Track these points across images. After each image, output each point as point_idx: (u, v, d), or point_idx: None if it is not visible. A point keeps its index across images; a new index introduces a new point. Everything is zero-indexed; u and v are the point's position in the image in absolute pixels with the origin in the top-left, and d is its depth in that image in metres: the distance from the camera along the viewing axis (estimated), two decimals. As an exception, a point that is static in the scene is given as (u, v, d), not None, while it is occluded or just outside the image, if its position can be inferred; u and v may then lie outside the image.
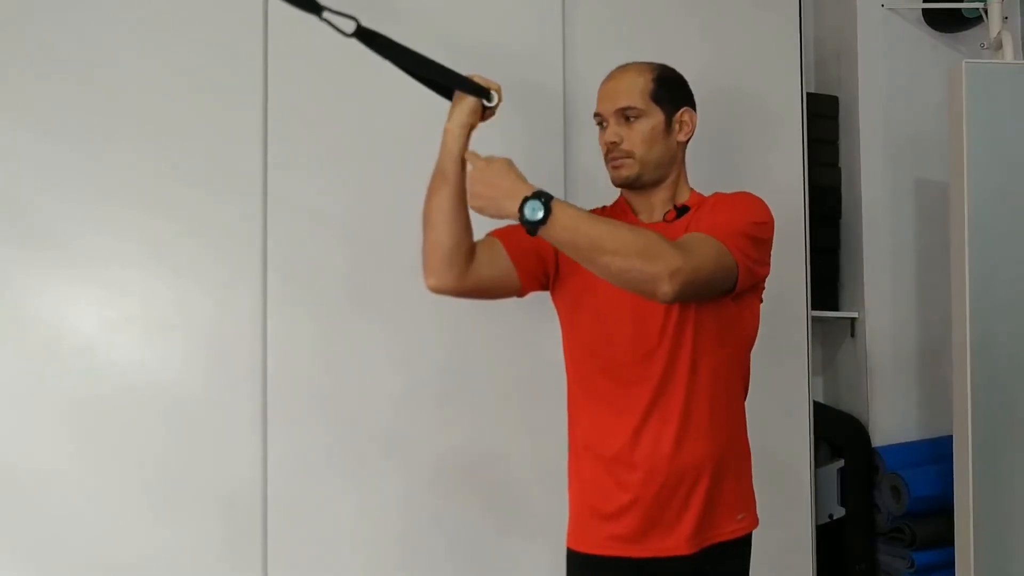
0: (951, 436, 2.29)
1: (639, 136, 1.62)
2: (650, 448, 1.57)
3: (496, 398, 2.15)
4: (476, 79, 1.61)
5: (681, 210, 1.65)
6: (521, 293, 1.70)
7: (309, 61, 2.08)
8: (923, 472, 2.54)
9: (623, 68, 1.67)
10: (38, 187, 1.97)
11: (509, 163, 1.51)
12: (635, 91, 1.62)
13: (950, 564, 2.28)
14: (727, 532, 1.62)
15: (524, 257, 1.65)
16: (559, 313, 1.74)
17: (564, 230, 1.43)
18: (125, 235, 2.00)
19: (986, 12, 2.67)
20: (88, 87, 1.99)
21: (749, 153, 2.33)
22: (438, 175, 1.62)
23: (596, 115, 1.67)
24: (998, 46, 2.59)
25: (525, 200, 1.43)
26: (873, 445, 2.65)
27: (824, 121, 2.78)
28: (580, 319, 1.67)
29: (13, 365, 1.94)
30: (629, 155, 1.62)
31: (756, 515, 1.68)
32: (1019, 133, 2.30)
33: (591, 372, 1.66)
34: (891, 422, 2.74)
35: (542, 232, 1.43)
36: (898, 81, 2.81)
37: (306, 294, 2.07)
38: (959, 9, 2.74)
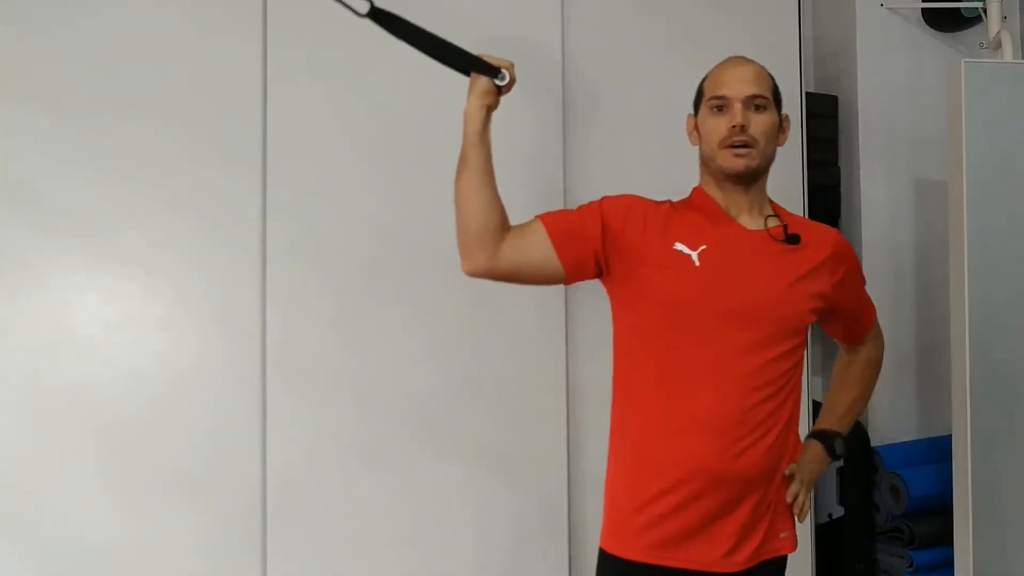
0: (950, 435, 2.29)
1: (765, 126, 1.59)
2: (726, 456, 1.53)
3: (500, 395, 2.15)
4: (486, 58, 1.60)
5: (791, 238, 1.60)
6: (566, 280, 1.63)
7: (310, 52, 2.09)
8: (922, 471, 2.54)
9: (744, 59, 1.65)
10: (37, 183, 1.97)
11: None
12: (764, 82, 1.61)
13: (949, 563, 2.27)
14: (771, 550, 1.60)
15: (568, 241, 1.59)
16: (623, 310, 1.67)
17: None
18: (123, 229, 2.00)
19: (985, 12, 2.67)
20: (86, 82, 1.99)
21: (748, 152, 2.32)
22: (461, 158, 1.60)
23: (717, 98, 1.60)
24: (997, 45, 2.59)
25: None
26: (872, 444, 2.65)
27: (823, 120, 2.78)
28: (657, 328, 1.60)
29: (12, 359, 1.94)
30: (754, 143, 1.58)
31: (796, 536, 1.66)
32: (1018, 132, 2.30)
33: (654, 377, 1.60)
34: (890, 421, 2.74)
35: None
36: (897, 80, 2.81)
37: (306, 291, 2.07)
38: (958, 9, 2.73)
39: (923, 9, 2.81)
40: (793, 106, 2.36)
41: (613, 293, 1.67)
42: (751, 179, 1.61)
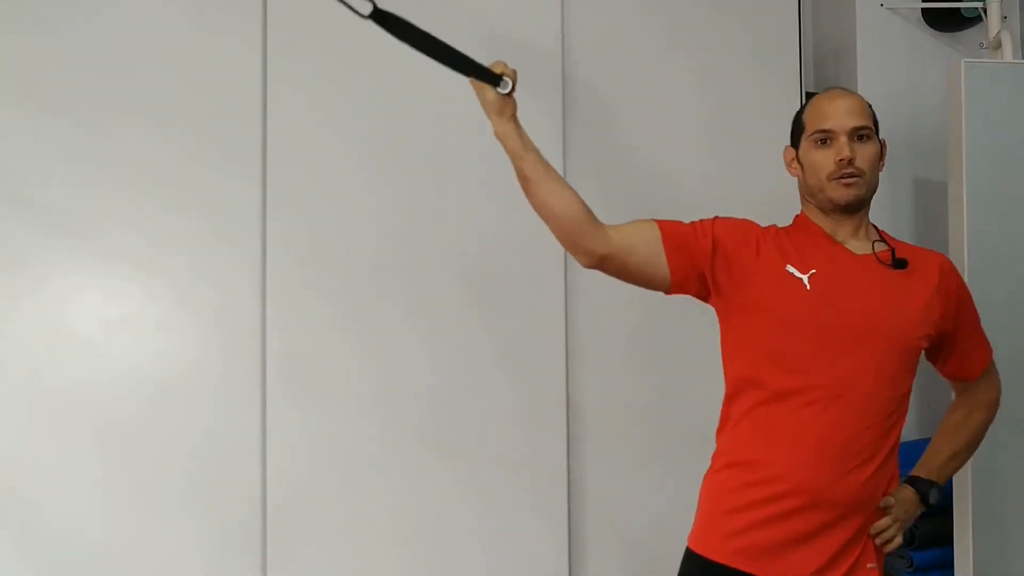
0: (950, 435, 2.29)
1: (869, 156, 1.62)
2: (831, 477, 1.54)
3: (500, 395, 2.15)
4: (490, 65, 1.63)
5: (899, 262, 1.62)
6: (670, 285, 1.63)
7: (310, 52, 2.09)
8: (922, 471, 2.53)
9: (844, 90, 1.68)
10: (37, 183, 1.97)
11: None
12: (866, 113, 1.64)
13: (949, 563, 2.27)
14: None
15: (678, 247, 1.61)
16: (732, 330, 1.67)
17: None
18: (123, 230, 2.00)
19: (985, 12, 2.67)
20: (86, 81, 1.99)
21: (748, 152, 2.33)
22: (519, 176, 1.63)
23: (821, 132, 1.62)
24: (997, 45, 2.58)
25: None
26: (872, 444, 2.64)
27: (823, 120, 2.78)
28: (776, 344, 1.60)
29: (13, 360, 1.94)
30: (862, 174, 1.61)
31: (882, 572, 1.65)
32: (1018, 132, 2.30)
33: (766, 394, 1.60)
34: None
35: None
36: (897, 80, 2.80)
37: (306, 291, 2.07)
38: (958, 9, 2.73)
39: (923, 9, 2.81)
40: (793, 106, 2.36)
41: (724, 312, 1.67)
42: (856, 208, 1.63)
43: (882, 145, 1.67)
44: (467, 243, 2.16)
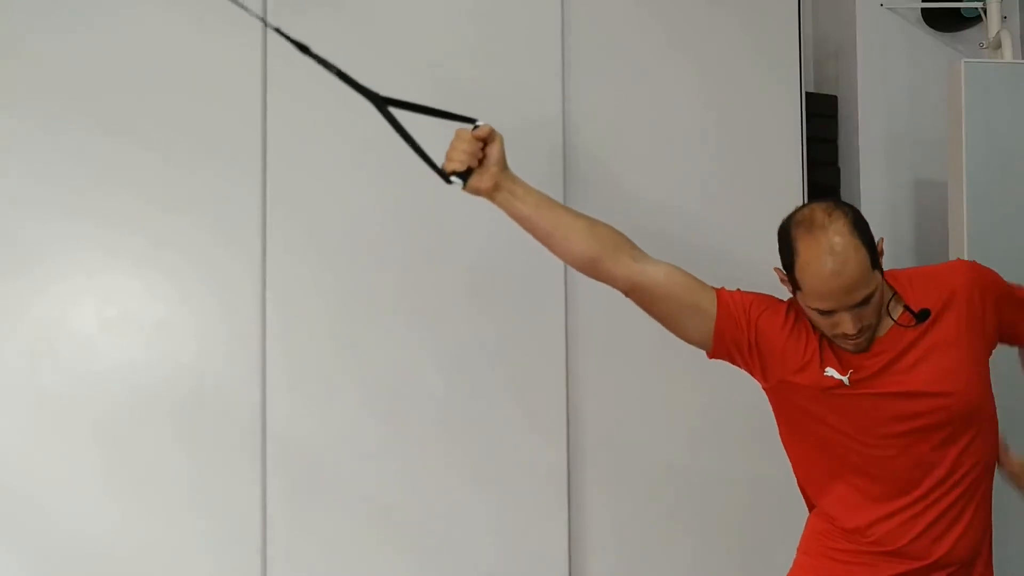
0: (950, 435, 2.29)
1: (873, 311, 1.50)
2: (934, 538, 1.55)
3: (500, 395, 2.16)
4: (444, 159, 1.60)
5: (921, 315, 1.52)
6: (711, 342, 1.59)
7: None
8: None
9: (838, 255, 1.44)
10: (36, 183, 1.97)
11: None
12: (865, 275, 1.46)
13: None
14: None
15: (729, 315, 1.57)
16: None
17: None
18: (124, 230, 2.00)
19: (985, 12, 2.67)
20: (87, 82, 1.99)
21: (748, 152, 2.33)
22: (529, 228, 1.61)
23: (820, 311, 1.49)
24: (997, 45, 2.58)
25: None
26: (872, 444, 2.64)
27: (823, 120, 2.77)
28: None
29: (13, 359, 1.95)
30: (869, 326, 1.51)
31: None
32: (1018, 132, 2.30)
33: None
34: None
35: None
36: (897, 80, 2.80)
37: (306, 290, 2.07)
38: (958, 9, 2.73)
39: (923, 9, 2.81)
40: (793, 106, 2.36)
41: (774, 397, 1.64)
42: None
43: (877, 262, 1.51)
44: (467, 243, 2.16)
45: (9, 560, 1.93)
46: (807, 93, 2.43)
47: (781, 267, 1.54)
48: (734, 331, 1.57)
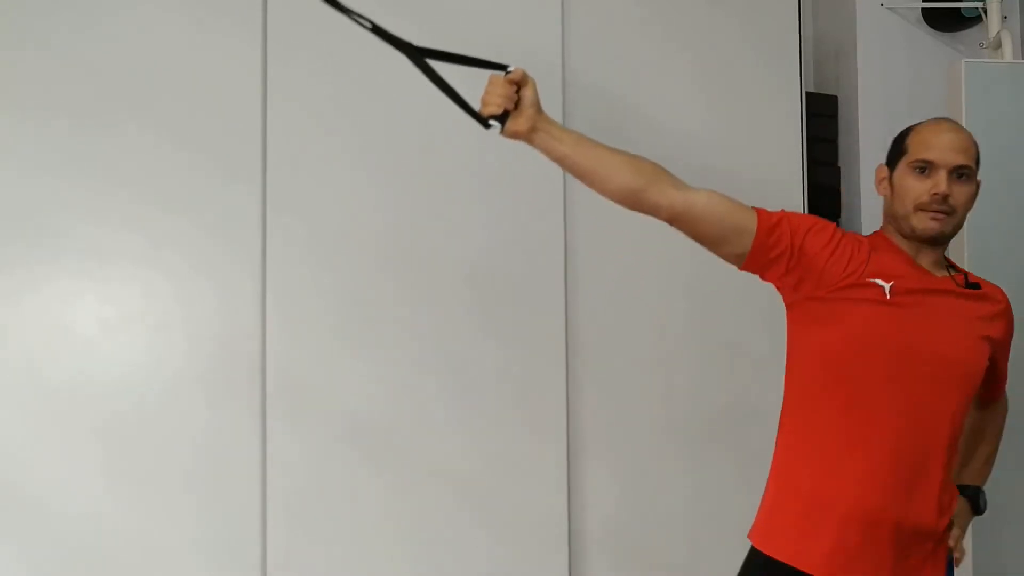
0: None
1: (966, 196, 1.60)
2: (912, 502, 1.54)
3: (499, 400, 2.15)
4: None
5: (972, 285, 1.63)
6: (748, 252, 1.58)
7: (309, 53, 2.09)
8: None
9: (955, 125, 1.64)
10: (36, 183, 1.97)
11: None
12: (972, 152, 1.61)
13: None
14: None
15: (772, 230, 1.58)
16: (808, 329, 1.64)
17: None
18: (124, 231, 2.01)
19: (985, 12, 2.67)
20: (86, 82, 2.00)
21: (748, 152, 2.33)
22: (571, 170, 1.60)
23: (923, 161, 1.59)
24: (997, 45, 2.58)
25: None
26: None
27: (823, 120, 2.77)
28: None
29: (13, 359, 1.95)
30: (953, 212, 1.58)
31: None
32: (1018, 132, 2.30)
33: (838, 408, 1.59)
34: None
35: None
36: (897, 80, 2.80)
37: (306, 291, 2.07)
38: (958, 9, 2.73)
39: (923, 9, 2.80)
40: (793, 106, 2.37)
41: (799, 311, 1.64)
42: (940, 242, 1.63)
43: (977, 185, 1.64)
44: (467, 244, 2.16)
45: (9, 560, 1.93)
46: (807, 93, 2.43)
47: (885, 164, 1.66)
48: (775, 246, 1.58)
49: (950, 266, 1.67)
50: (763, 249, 1.57)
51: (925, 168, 1.59)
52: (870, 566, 1.53)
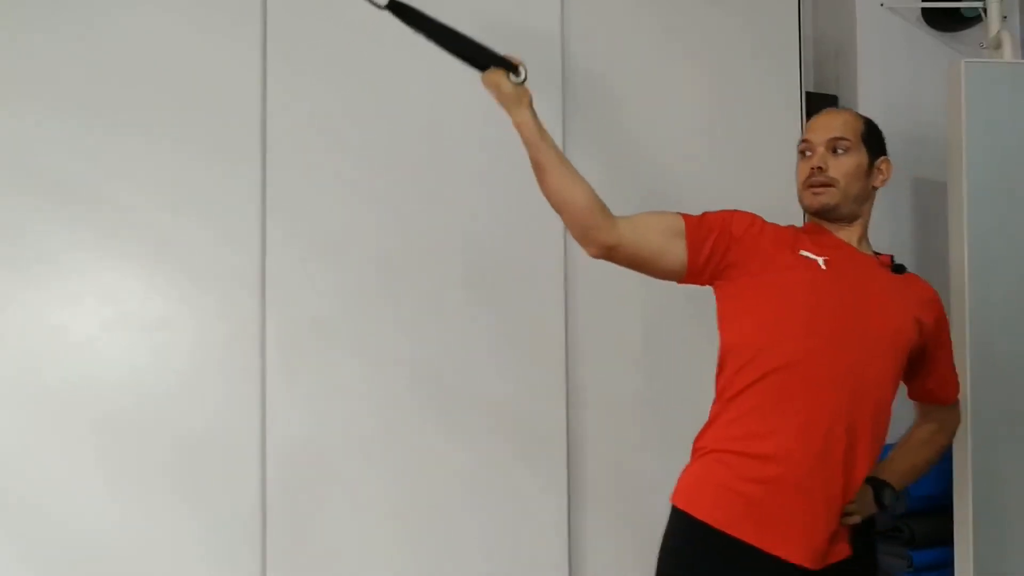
0: (950, 435, 2.28)
1: (845, 167, 1.66)
2: (833, 456, 1.57)
3: (500, 395, 2.16)
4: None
5: (898, 267, 1.70)
6: (685, 270, 1.64)
7: (309, 52, 2.09)
8: (922, 471, 2.54)
9: (837, 109, 1.83)
10: (36, 183, 1.97)
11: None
12: (849, 127, 1.69)
13: (949, 563, 2.27)
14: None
15: (699, 229, 1.63)
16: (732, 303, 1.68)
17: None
18: (124, 230, 2.00)
19: (985, 11, 2.67)
20: (86, 81, 1.99)
21: (748, 152, 2.33)
22: (535, 164, 1.66)
23: (803, 142, 1.71)
24: (997, 45, 2.58)
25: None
26: (872, 444, 2.64)
27: (823, 120, 2.78)
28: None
29: (13, 359, 1.95)
30: (832, 183, 1.66)
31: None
32: (1018, 132, 2.30)
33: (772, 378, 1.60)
34: (891, 421, 2.74)
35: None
36: (897, 80, 2.80)
37: (306, 290, 2.07)
38: (958, 8, 2.73)
39: (923, 9, 2.81)
40: (793, 106, 2.37)
41: (728, 293, 1.67)
42: (838, 217, 1.68)
43: (879, 162, 1.71)
44: (467, 241, 2.16)
45: (9, 560, 1.93)
46: (807, 93, 2.43)
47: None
48: (707, 236, 1.63)
49: (900, 265, 1.73)
50: (697, 242, 1.62)
51: (805, 150, 1.70)
52: (789, 528, 1.54)
